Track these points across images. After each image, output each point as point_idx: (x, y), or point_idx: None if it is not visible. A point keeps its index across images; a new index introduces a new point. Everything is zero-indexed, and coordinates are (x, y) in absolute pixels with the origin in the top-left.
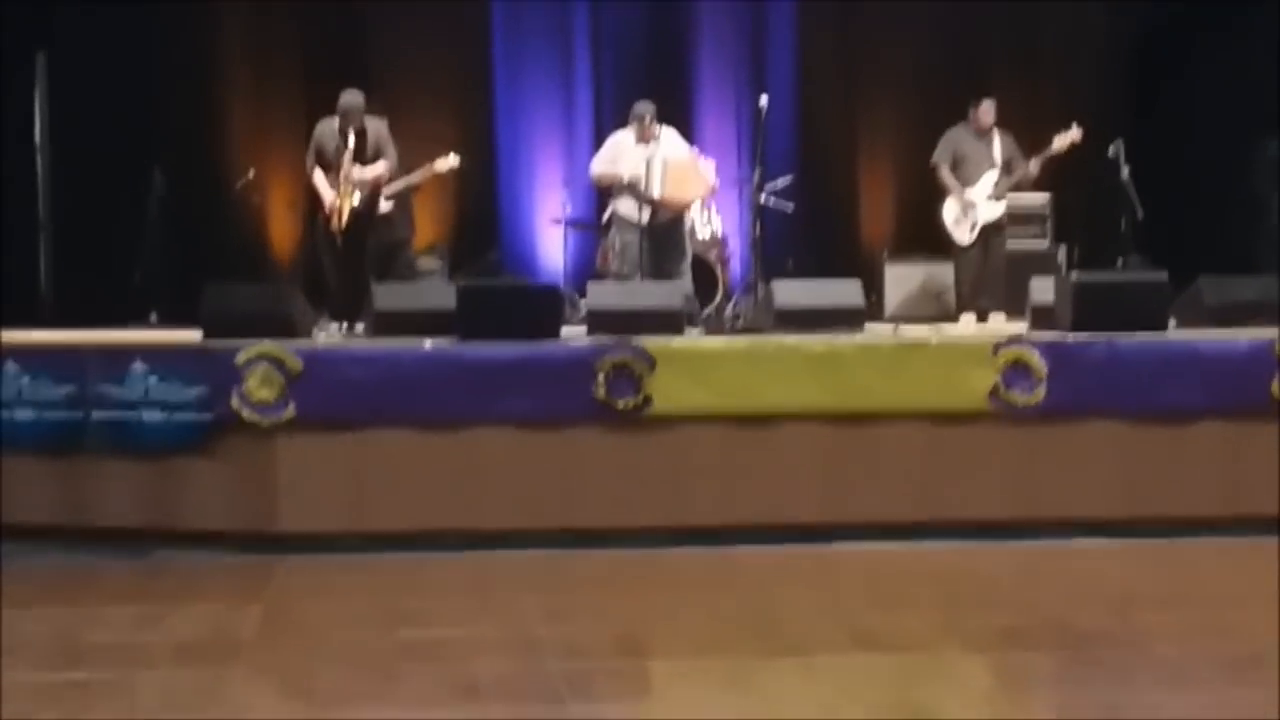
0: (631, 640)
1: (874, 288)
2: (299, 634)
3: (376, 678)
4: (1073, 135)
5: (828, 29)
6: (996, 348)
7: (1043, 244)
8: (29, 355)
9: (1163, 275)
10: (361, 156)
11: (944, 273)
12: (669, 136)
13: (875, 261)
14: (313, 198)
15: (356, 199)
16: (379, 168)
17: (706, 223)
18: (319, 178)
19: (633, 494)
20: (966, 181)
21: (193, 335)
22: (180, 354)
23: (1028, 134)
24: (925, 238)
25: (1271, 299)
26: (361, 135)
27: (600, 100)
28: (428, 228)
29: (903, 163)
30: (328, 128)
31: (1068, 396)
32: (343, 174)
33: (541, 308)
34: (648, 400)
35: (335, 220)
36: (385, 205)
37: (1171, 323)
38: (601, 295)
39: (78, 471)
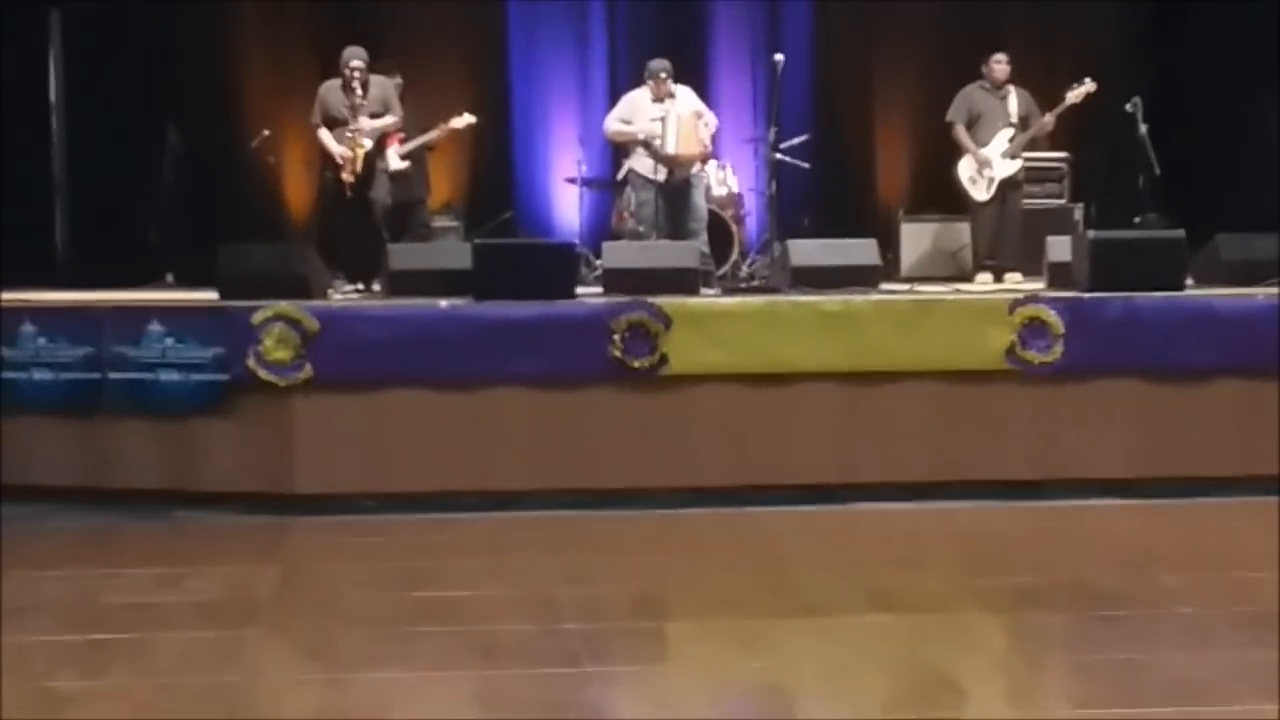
0: (648, 601)
1: (890, 246)
2: (316, 595)
3: (394, 638)
4: (1087, 88)
5: None
6: (1013, 306)
7: (1060, 202)
8: (46, 316)
9: (1180, 233)
10: (368, 111)
11: (960, 231)
12: (684, 95)
13: (891, 220)
14: (323, 157)
15: (368, 145)
16: (387, 120)
17: (722, 181)
18: (325, 135)
19: (648, 454)
20: (983, 139)
21: (209, 296)
22: (197, 314)
23: (1045, 90)
24: (941, 196)
25: None
26: (365, 89)
27: (615, 58)
28: (443, 187)
29: (919, 121)
30: (332, 86)
31: (1084, 355)
32: (353, 126)
33: (557, 267)
34: (663, 359)
35: (349, 172)
36: (400, 164)
37: (1189, 281)
38: (617, 254)
39: (95, 432)
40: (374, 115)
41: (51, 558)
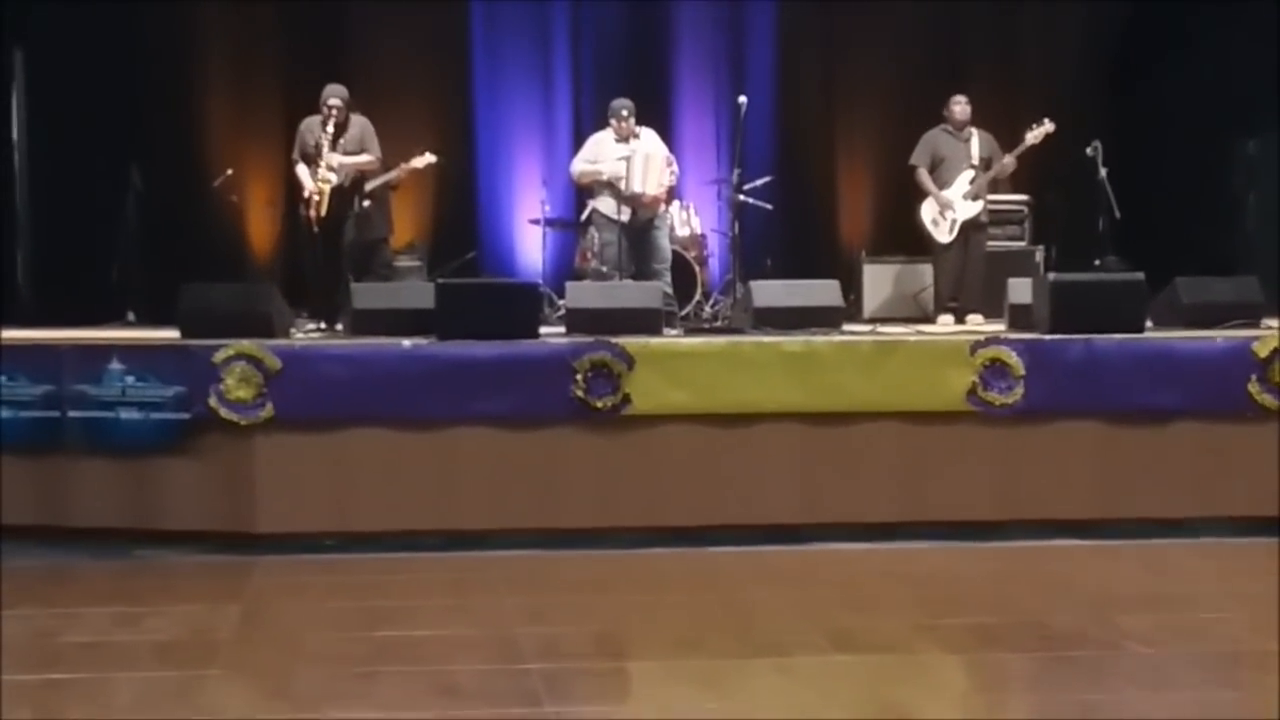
0: (610, 641)
1: (852, 288)
2: (277, 634)
3: (355, 678)
4: (1046, 128)
5: (807, 29)
6: (974, 347)
7: (1021, 244)
8: (6, 354)
9: (1140, 276)
10: (344, 149)
11: (922, 272)
12: (648, 136)
13: (854, 261)
14: (295, 192)
15: (334, 179)
16: (362, 158)
17: (686, 222)
18: (301, 170)
19: (611, 494)
20: (945, 181)
21: (170, 334)
22: (158, 353)
23: (1006, 134)
24: (903, 238)
25: (1248, 299)
26: (342, 129)
27: (579, 99)
28: (406, 226)
29: (881, 163)
30: (312, 122)
31: (1045, 396)
32: (323, 161)
33: (520, 307)
34: (626, 400)
35: (315, 208)
36: (363, 203)
37: (1148, 323)
38: (580, 294)
39: (55, 471)
40: (350, 154)
41: (9, 596)
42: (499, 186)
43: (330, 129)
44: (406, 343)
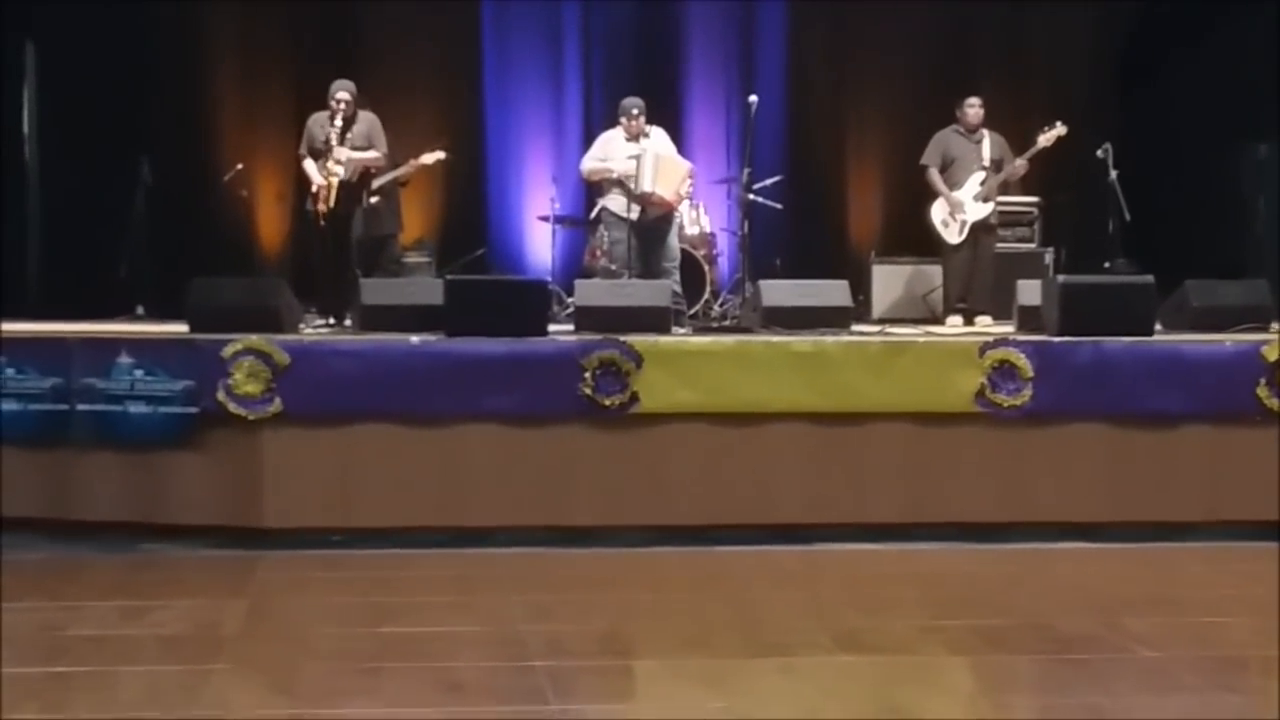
0: (615, 639)
1: (861, 288)
2: (283, 629)
3: (360, 674)
4: (1057, 131)
5: (818, 29)
6: (983, 349)
7: (1030, 246)
8: (15, 347)
9: (1149, 278)
10: (351, 144)
11: (932, 273)
12: (658, 135)
13: (863, 262)
14: (303, 187)
15: (341, 173)
16: (369, 154)
17: (695, 221)
18: (309, 165)
19: (618, 492)
20: (956, 183)
21: (179, 328)
22: (166, 347)
23: (1017, 135)
24: (913, 238)
25: (1257, 303)
26: (350, 123)
27: (590, 97)
28: (415, 222)
29: (891, 163)
30: (319, 117)
31: (1054, 399)
32: (331, 155)
33: (529, 304)
34: (634, 398)
35: (323, 202)
36: (372, 199)
37: (1157, 326)
38: (589, 292)
39: (63, 464)
40: (357, 149)
41: (15, 589)
42: (509, 183)
43: (338, 123)
44: (415, 339)
